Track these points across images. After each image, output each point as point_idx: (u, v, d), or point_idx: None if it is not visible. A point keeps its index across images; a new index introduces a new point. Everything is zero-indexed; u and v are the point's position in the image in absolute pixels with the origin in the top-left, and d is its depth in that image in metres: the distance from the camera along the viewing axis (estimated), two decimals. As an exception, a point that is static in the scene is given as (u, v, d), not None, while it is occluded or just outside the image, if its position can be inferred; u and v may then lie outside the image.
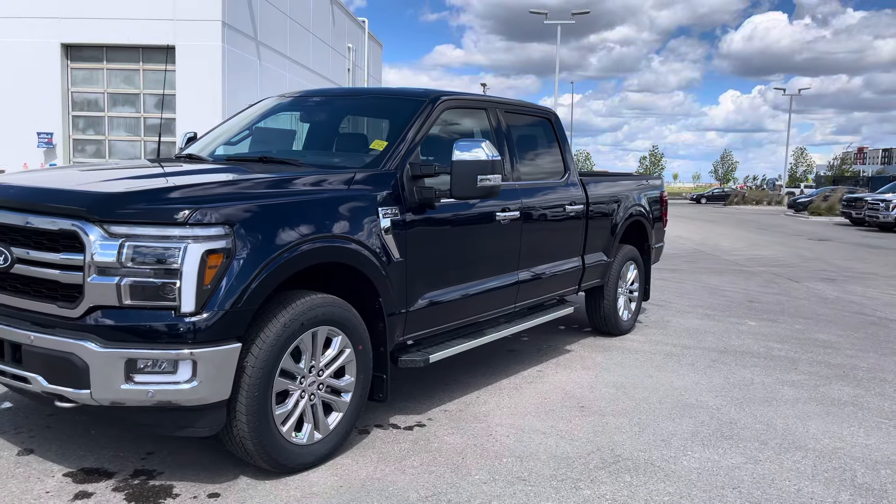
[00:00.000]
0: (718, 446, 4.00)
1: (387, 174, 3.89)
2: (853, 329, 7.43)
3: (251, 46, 21.46)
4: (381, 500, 3.19)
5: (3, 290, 3.21)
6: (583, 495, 3.32)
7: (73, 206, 3.00)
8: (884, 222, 27.10)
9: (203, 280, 2.95)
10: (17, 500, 3.04)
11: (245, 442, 3.19)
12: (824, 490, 3.48)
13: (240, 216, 3.09)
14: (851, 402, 4.90)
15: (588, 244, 5.86)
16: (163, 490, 3.19)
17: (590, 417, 4.39)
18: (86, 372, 2.91)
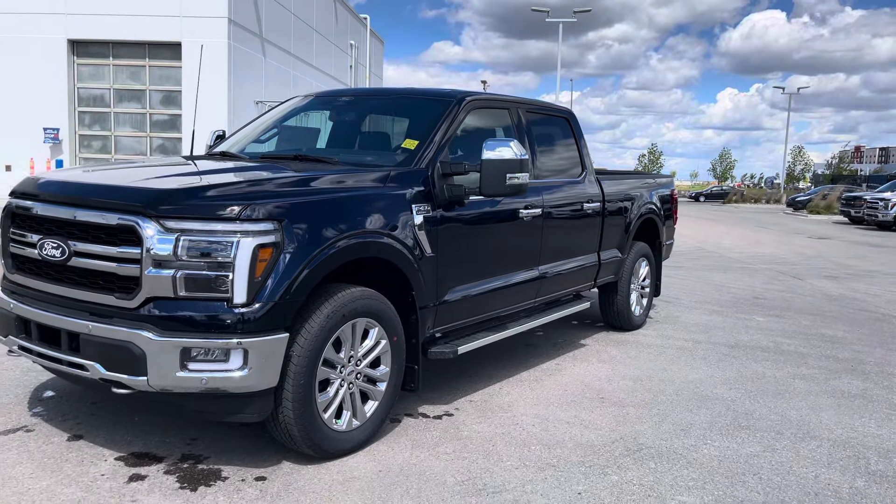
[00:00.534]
0: (736, 436, 4.15)
1: (419, 172, 4.04)
2: (858, 325, 7.59)
3: (256, 43, 21.58)
4: (420, 484, 3.34)
5: (60, 282, 3.35)
6: (611, 480, 3.47)
7: (131, 202, 3.15)
8: (883, 221, 27.29)
9: (254, 273, 3.10)
10: (73, 482, 3.19)
11: (290, 428, 3.33)
12: (840, 476, 3.64)
13: (288, 212, 3.23)
14: (861, 395, 5.06)
15: (604, 241, 6.02)
16: (212, 473, 3.34)
17: (610, 408, 4.55)
18: (143, 360, 3.06)
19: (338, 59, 30.00)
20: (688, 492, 3.38)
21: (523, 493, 3.30)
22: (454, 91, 4.71)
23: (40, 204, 3.44)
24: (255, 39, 21.49)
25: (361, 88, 5.17)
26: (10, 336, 3.55)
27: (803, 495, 3.40)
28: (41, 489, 3.10)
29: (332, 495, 3.19)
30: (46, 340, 3.37)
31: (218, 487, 3.21)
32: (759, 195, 55.69)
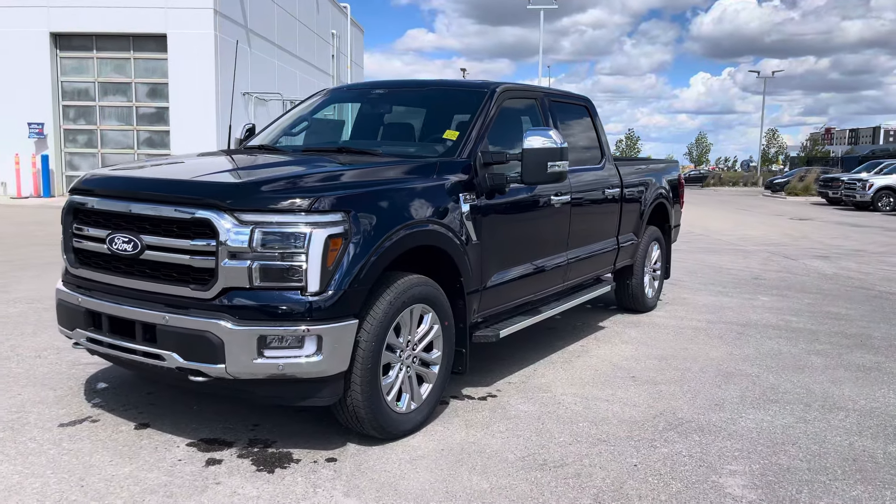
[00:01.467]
0: (768, 409, 4.36)
1: (463, 162, 4.17)
2: (859, 303, 7.87)
3: (241, 34, 21.45)
4: (484, 461, 3.49)
5: (132, 276, 3.44)
6: (661, 453, 3.66)
7: (206, 197, 3.24)
8: (860, 201, 27.90)
9: (326, 262, 3.22)
10: (154, 467, 3.30)
11: (358, 410, 3.47)
12: (873, 443, 3.86)
13: (354, 203, 3.36)
14: (875, 368, 5.30)
15: (622, 226, 6.20)
16: (283, 456, 3.47)
17: (643, 386, 4.73)
18: (221, 348, 3.17)
19: (320, 48, 29.88)
20: (735, 461, 3.57)
21: (583, 466, 3.46)
22: (487, 82, 4.84)
23: (108, 200, 3.51)
24: (240, 30, 21.36)
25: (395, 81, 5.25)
26: (77, 329, 3.64)
27: (842, 461, 3.61)
28: (125, 475, 3.21)
29: (404, 473, 3.33)
30: (118, 332, 3.47)
31: (293, 469, 3.34)
32: (736, 178, 56.45)
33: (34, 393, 4.23)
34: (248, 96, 21.75)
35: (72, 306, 3.65)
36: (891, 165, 30.22)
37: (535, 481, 3.29)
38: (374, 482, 3.23)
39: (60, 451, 3.44)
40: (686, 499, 3.16)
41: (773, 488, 3.29)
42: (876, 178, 27.90)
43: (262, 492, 3.11)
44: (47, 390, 4.28)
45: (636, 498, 3.15)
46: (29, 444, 3.50)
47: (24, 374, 4.58)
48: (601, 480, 3.32)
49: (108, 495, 3.02)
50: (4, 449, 3.44)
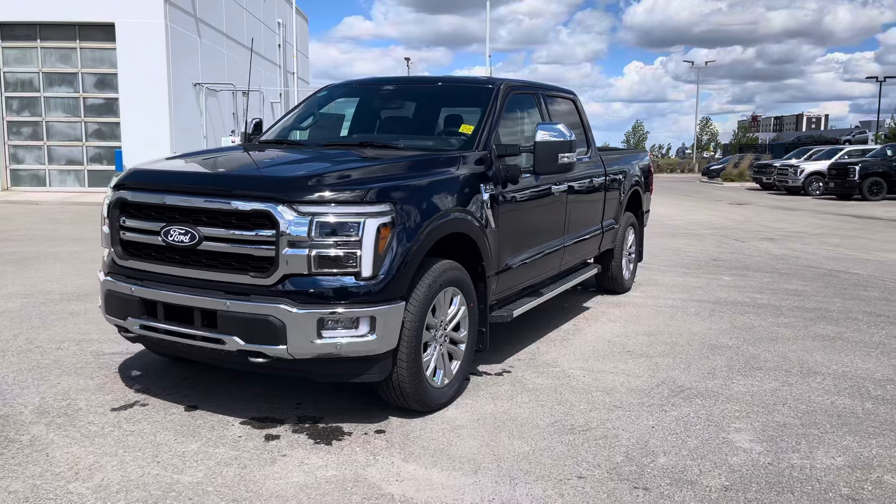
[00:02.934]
0: (754, 376, 4.83)
1: (480, 154, 4.49)
2: (811, 280, 8.51)
3: (191, 23, 21.15)
4: (519, 427, 3.83)
5: (188, 265, 3.64)
6: (673, 415, 4.07)
7: (267, 190, 3.47)
8: (792, 186, 29.32)
9: (378, 249, 3.49)
10: (219, 443, 3.52)
11: (403, 385, 3.76)
12: (851, 401, 4.35)
13: (399, 194, 3.64)
14: (838, 338, 5.86)
15: (605, 212, 6.61)
16: (335, 430, 3.74)
17: (640, 359, 5.15)
18: (283, 330, 3.42)
19: (267, 38, 29.58)
20: (738, 420, 4.01)
21: (607, 429, 3.84)
22: (492, 78, 5.16)
23: (162, 194, 3.69)
24: (189, 19, 21.05)
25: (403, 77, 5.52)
26: (129, 318, 3.81)
27: (829, 417, 4.09)
28: (195, 451, 3.43)
29: (450, 440, 3.65)
30: (175, 319, 3.66)
31: (348, 441, 3.61)
32: (673, 165, 58.26)
33: (73, 381, 4.37)
34: (199, 87, 21.47)
35: (124, 296, 3.82)
36: (819, 152, 31.79)
37: (569, 443, 3.65)
38: (426, 449, 3.54)
39: (123, 432, 3.63)
40: (705, 452, 3.57)
41: (776, 441, 3.73)
42: (806, 164, 29.35)
43: (327, 461, 3.38)
44: (85, 379, 4.42)
45: (661, 453, 3.55)
46: (90, 428, 3.67)
47: (53, 364, 4.70)
48: (626, 440, 3.70)
49: (186, 468, 3.24)
50: (69, 433, 3.61)
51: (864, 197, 25.31)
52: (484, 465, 3.38)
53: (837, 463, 3.48)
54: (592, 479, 3.25)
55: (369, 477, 3.23)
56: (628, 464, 3.42)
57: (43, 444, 3.46)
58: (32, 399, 4.07)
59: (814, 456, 3.55)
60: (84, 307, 6.35)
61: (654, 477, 3.28)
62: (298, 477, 3.20)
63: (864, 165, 25.74)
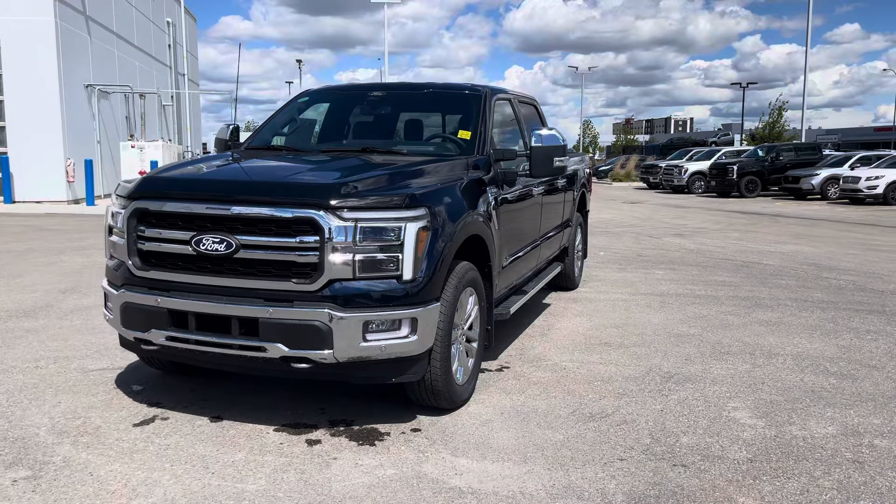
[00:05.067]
0: (726, 360, 5.25)
1: (483, 159, 4.66)
2: (733, 271, 9.23)
3: (81, 22, 20.01)
4: (543, 418, 4.03)
5: (221, 274, 3.59)
6: (674, 399, 4.39)
7: (310, 196, 3.49)
8: (677, 185, 31.25)
9: (417, 252, 3.60)
10: (264, 451, 3.50)
11: (436, 383, 3.87)
12: (817, 378, 4.84)
13: (432, 198, 3.75)
14: (780, 322, 6.43)
15: (564, 212, 6.94)
16: (372, 432, 3.80)
17: (619, 349, 5.48)
18: (329, 335, 3.45)
19: (157, 38, 28.35)
20: (732, 400, 4.38)
21: (623, 415, 4.11)
22: (477, 86, 5.33)
23: (190, 203, 3.62)
24: (79, 17, 19.89)
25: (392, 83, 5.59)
26: (153, 329, 3.71)
27: (805, 393, 4.54)
28: (244, 460, 3.41)
29: (487, 434, 3.80)
30: (208, 329, 3.61)
31: (390, 441, 3.69)
32: (560, 166, 60.36)
33: (75, 400, 4.18)
34: (91, 89, 20.33)
35: (147, 308, 3.71)
36: (700, 153, 34.00)
37: (595, 430, 3.88)
38: (468, 443, 3.67)
39: (158, 447, 3.54)
40: (717, 429, 3.90)
41: (771, 416, 4.12)
42: (690, 164, 31.38)
43: (380, 461, 3.45)
44: (86, 396, 4.24)
45: (681, 433, 3.84)
46: (122, 444, 3.56)
47: (42, 383, 4.47)
48: (645, 423, 3.98)
49: (245, 478, 3.23)
50: (102, 451, 3.48)
51: (742, 194, 27.36)
52: (529, 454, 3.55)
53: (831, 432, 3.90)
54: (633, 461, 3.49)
55: (429, 473, 3.33)
56: (657, 444, 3.69)
57: (80, 464, 3.33)
58: (41, 420, 3.88)
59: (809, 427, 3.96)
60: (39, 324, 6.01)
61: (686, 454, 3.57)
62: (361, 478, 3.26)
63: (740, 165, 27.83)
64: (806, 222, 16.83)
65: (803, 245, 12.15)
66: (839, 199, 24.59)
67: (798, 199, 25.72)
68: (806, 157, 28.12)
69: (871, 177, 22.97)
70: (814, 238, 13.29)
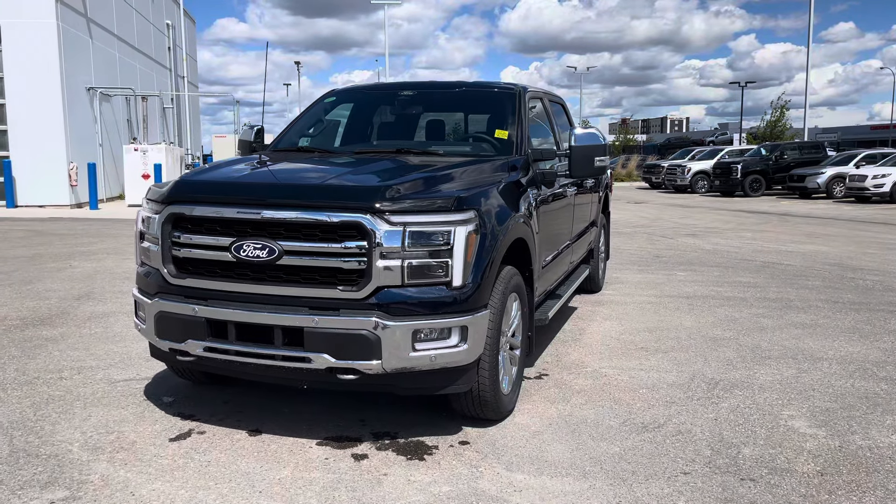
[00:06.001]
0: (769, 364, 5.10)
1: (522, 159, 4.50)
2: (754, 272, 9.08)
3: (82, 24, 19.82)
4: (594, 429, 3.87)
5: (263, 282, 3.42)
6: (725, 407, 4.23)
7: (357, 200, 3.32)
8: (680, 185, 31.11)
9: (467, 257, 3.43)
10: (310, 468, 3.33)
11: (484, 394, 3.71)
12: (867, 383, 4.69)
13: (479, 201, 3.58)
14: (815, 325, 6.28)
15: (591, 212, 6.78)
16: (419, 445, 3.63)
17: (657, 355, 5.32)
18: (378, 345, 3.29)
19: (157, 40, 28.15)
20: (785, 407, 4.23)
21: (677, 424, 3.95)
22: (511, 84, 5.17)
23: (230, 207, 3.45)
24: (80, 19, 19.70)
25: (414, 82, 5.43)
26: (190, 340, 3.54)
27: (859, 399, 4.38)
28: (291, 477, 3.24)
29: (539, 446, 3.63)
30: (249, 339, 3.44)
31: (439, 454, 3.52)
32: (560, 166, 60.31)
33: (106, 413, 4.01)
34: (93, 91, 20.13)
35: (184, 317, 3.54)
36: (702, 152, 33.88)
37: (651, 441, 3.72)
38: (521, 457, 3.51)
39: (199, 463, 3.37)
40: (779, 440, 3.74)
41: (831, 425, 3.96)
42: (692, 164, 31.24)
43: (433, 477, 3.28)
44: (117, 409, 4.07)
45: (741, 444, 3.68)
46: (161, 461, 3.39)
47: (69, 395, 4.29)
48: (701, 433, 3.82)
49: (295, 497, 3.06)
50: (140, 468, 3.31)
51: (746, 193, 27.23)
52: (587, 468, 3.39)
53: (895, 441, 3.74)
54: (698, 474, 3.33)
55: (486, 490, 3.16)
56: (719, 457, 3.53)
57: (120, 483, 3.16)
58: (72, 434, 3.70)
59: (872, 436, 3.80)
60: (57, 332, 5.83)
61: (752, 468, 3.41)
62: (416, 496, 3.09)
63: (745, 164, 27.70)
64: (816, 221, 16.69)
65: (819, 244, 12.01)
66: (845, 198, 24.50)
67: (803, 198, 25.61)
68: (810, 156, 28.02)
69: (877, 175, 22.88)
70: (828, 237, 13.15)
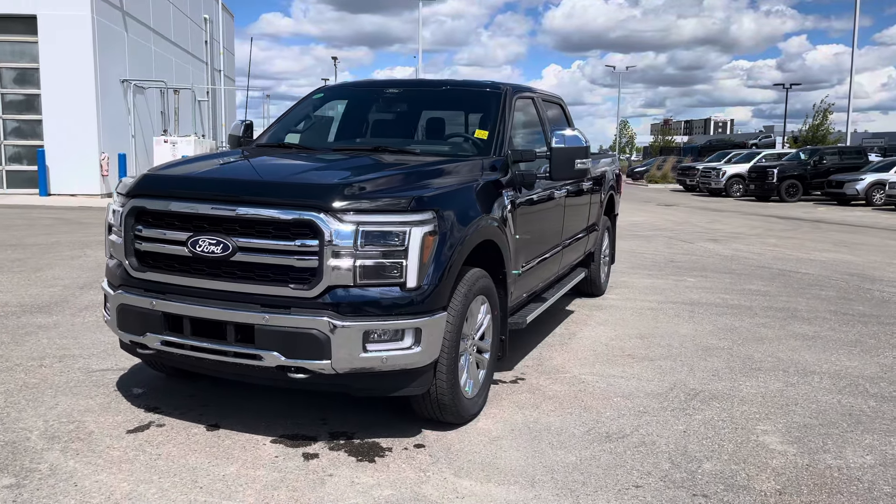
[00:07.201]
0: (756, 377, 4.95)
1: (500, 160, 4.43)
2: (768, 280, 8.84)
3: (118, 17, 20.21)
4: (556, 437, 3.80)
5: (218, 277, 3.43)
6: (698, 419, 4.12)
7: (309, 198, 3.30)
8: (715, 188, 30.54)
9: (423, 259, 3.39)
10: (257, 465, 3.33)
11: (442, 397, 3.66)
12: (855, 400, 4.52)
13: (440, 201, 3.53)
14: (817, 336, 6.09)
15: (590, 215, 6.67)
16: (373, 446, 3.60)
17: (643, 362, 5.21)
18: (327, 344, 3.26)
19: (194, 33, 28.59)
20: (761, 423, 4.09)
21: (642, 435, 3.85)
22: (497, 83, 5.10)
23: (189, 202, 3.46)
24: (116, 13, 20.09)
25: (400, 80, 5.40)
26: (149, 333, 3.56)
27: (842, 416, 4.23)
28: (235, 474, 3.24)
29: (494, 453, 3.57)
30: (204, 335, 3.45)
31: (391, 457, 3.49)
32: (596, 167, 59.72)
33: (73, 402, 4.06)
34: (127, 84, 20.54)
35: (143, 310, 3.56)
36: (738, 155, 33.22)
37: (611, 451, 3.63)
38: (474, 463, 3.46)
39: (149, 456, 3.39)
40: (744, 456, 3.62)
41: (804, 442, 3.82)
42: (728, 167, 30.63)
43: (378, 479, 3.25)
44: (85, 399, 4.12)
45: (704, 458, 3.58)
46: (112, 453, 3.42)
47: (42, 383, 4.36)
48: (665, 446, 3.72)
49: (233, 494, 3.05)
50: (90, 459, 3.34)
51: (782, 198, 26.61)
52: (538, 477, 3.32)
53: (868, 461, 3.60)
54: (650, 488, 3.24)
55: (428, 495, 3.12)
56: (677, 470, 3.43)
57: (66, 473, 3.19)
58: (35, 423, 3.76)
59: (845, 455, 3.66)
60: (52, 320, 5.94)
61: (708, 483, 3.31)
62: (355, 499, 3.07)
63: (781, 168, 27.06)
64: (848, 229, 16.23)
65: (845, 253, 11.67)
66: (885, 206, 23.77)
67: (841, 205, 24.93)
68: (850, 161, 27.25)
69: (918, 183, 22.15)
70: (856, 246, 12.77)
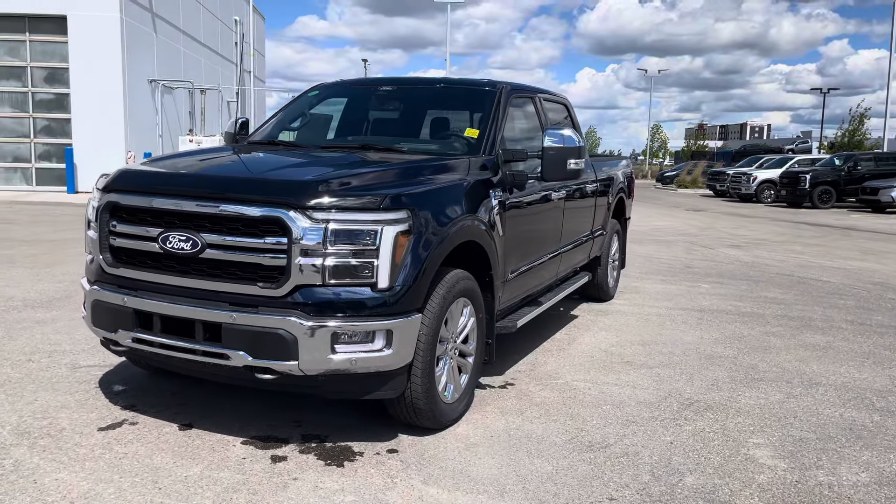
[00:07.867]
0: (758, 387, 4.77)
1: (488, 159, 4.32)
2: (786, 288, 8.58)
3: (147, 18, 20.49)
4: (535, 445, 3.67)
5: (187, 275, 3.37)
6: (688, 430, 3.96)
7: (278, 195, 3.24)
8: (745, 194, 29.97)
9: (395, 259, 3.30)
10: (222, 467, 3.27)
11: (417, 402, 3.56)
12: (859, 414, 4.32)
13: (416, 200, 3.44)
14: (828, 347, 5.86)
15: (595, 219, 6.52)
16: (345, 450, 3.52)
17: (641, 370, 5.05)
18: (294, 345, 3.19)
19: (224, 35, 28.92)
20: (755, 435, 3.92)
21: (626, 445, 3.71)
22: (493, 81, 5.00)
23: (160, 198, 3.42)
24: (145, 14, 20.38)
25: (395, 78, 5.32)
26: (120, 330, 3.53)
27: (841, 430, 4.03)
28: (198, 475, 3.18)
29: (468, 460, 3.46)
30: (173, 332, 3.40)
31: (361, 462, 3.40)
32: (626, 171, 59.13)
33: (52, 398, 4.05)
34: (155, 84, 20.81)
35: (115, 307, 3.53)
36: (770, 160, 32.57)
37: (590, 461, 3.50)
38: (445, 470, 3.35)
39: (115, 455, 3.35)
40: (730, 470, 3.46)
41: (797, 457, 3.65)
42: (759, 173, 30.04)
43: (343, 485, 3.16)
44: (64, 395, 4.10)
45: (687, 472, 3.43)
46: (78, 450, 3.38)
47: (26, 378, 4.36)
48: (648, 457, 3.58)
49: (192, 496, 2.99)
50: (56, 456, 3.31)
51: (814, 205, 26.00)
52: (508, 486, 3.21)
53: (863, 479, 3.42)
54: (624, 501, 3.11)
55: (390, 502, 3.02)
56: (656, 483, 3.29)
57: (29, 470, 3.16)
58: (9, 418, 3.75)
59: (838, 472, 3.48)
60: (50, 315, 5.97)
61: (686, 498, 3.16)
62: (316, 503, 2.98)
63: (814, 174, 26.45)
64: (879, 237, 15.77)
65: (871, 262, 11.31)
66: (920, 214, 23.10)
67: (876, 212, 24.26)
68: (887, 168, 26.51)
69: (956, 190, 21.47)
70: (884, 254, 12.38)
